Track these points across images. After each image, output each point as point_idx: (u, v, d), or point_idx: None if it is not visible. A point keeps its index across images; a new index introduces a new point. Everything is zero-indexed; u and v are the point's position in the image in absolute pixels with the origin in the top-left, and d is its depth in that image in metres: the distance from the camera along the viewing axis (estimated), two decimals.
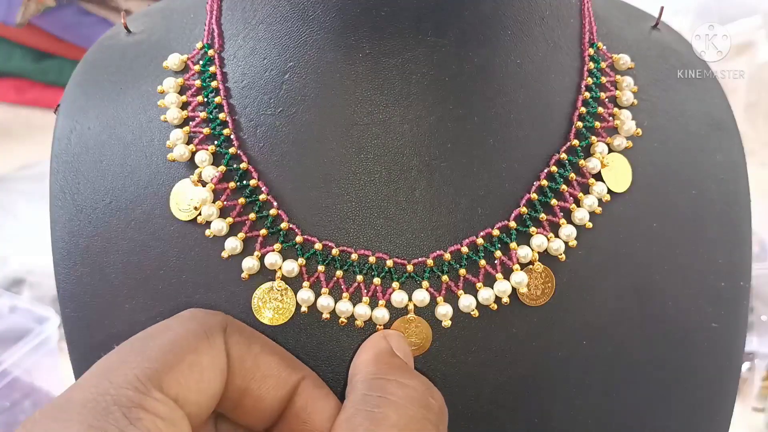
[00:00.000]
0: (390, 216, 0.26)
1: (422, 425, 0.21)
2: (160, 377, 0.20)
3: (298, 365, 0.24)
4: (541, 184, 0.27)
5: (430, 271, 0.26)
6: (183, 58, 0.29)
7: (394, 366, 0.23)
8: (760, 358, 0.62)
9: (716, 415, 0.29)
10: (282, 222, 0.26)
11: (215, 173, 0.27)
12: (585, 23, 0.30)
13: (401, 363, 0.24)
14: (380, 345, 0.24)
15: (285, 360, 0.24)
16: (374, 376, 0.23)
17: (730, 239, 0.30)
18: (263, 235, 0.26)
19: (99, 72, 0.31)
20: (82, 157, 0.29)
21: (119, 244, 0.27)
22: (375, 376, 0.23)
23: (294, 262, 0.26)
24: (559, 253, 0.26)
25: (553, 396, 0.27)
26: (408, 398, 0.22)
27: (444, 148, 0.26)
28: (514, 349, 0.26)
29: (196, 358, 0.21)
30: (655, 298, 0.28)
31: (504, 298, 0.26)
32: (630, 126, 0.28)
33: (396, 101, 0.26)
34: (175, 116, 0.28)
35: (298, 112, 0.27)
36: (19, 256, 0.72)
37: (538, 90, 0.28)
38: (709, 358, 0.29)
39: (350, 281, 0.26)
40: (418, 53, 0.26)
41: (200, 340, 0.22)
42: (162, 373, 0.20)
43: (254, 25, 0.27)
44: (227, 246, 0.26)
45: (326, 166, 0.26)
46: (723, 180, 0.30)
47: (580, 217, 0.27)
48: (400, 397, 0.22)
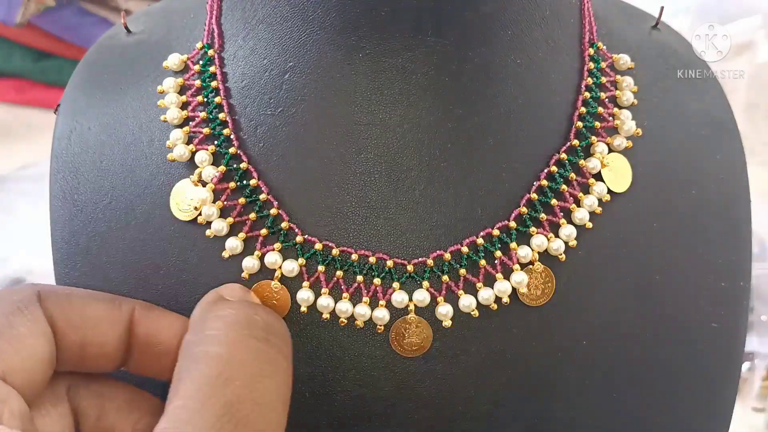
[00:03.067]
0: (390, 216, 0.26)
1: (247, 343, 0.21)
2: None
3: (123, 300, 0.24)
4: (541, 184, 0.27)
5: (431, 271, 0.26)
6: (183, 58, 0.29)
7: (214, 305, 0.23)
8: (760, 358, 0.62)
9: (716, 415, 0.29)
10: (282, 221, 0.26)
11: (215, 173, 0.27)
12: (585, 23, 0.30)
13: (224, 303, 0.23)
14: (207, 298, 0.24)
15: (109, 300, 0.24)
16: (195, 320, 0.23)
17: (730, 239, 0.30)
18: (263, 234, 0.26)
19: (99, 72, 0.31)
20: (82, 157, 0.29)
21: (119, 244, 0.27)
22: (195, 320, 0.23)
23: (294, 262, 0.26)
24: (559, 253, 0.26)
25: (553, 396, 0.27)
26: (227, 324, 0.21)
27: (444, 148, 0.26)
28: (514, 349, 0.26)
29: (12, 330, 0.21)
30: (655, 298, 0.28)
31: (504, 298, 0.26)
32: (630, 126, 0.28)
33: (396, 101, 0.26)
34: (174, 116, 0.28)
35: (298, 112, 0.27)
36: (19, 256, 0.72)
37: (539, 90, 0.28)
38: (709, 358, 0.29)
39: (350, 281, 0.26)
40: (418, 53, 0.26)
41: (13, 315, 0.21)
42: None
43: (254, 25, 0.27)
44: (228, 246, 0.26)
45: (326, 166, 0.26)
46: (723, 180, 0.30)
47: (580, 217, 0.27)
48: (218, 327, 0.21)
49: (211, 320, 0.22)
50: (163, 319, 0.24)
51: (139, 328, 0.24)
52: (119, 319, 0.23)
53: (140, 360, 0.24)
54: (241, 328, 0.21)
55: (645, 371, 0.28)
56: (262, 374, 0.21)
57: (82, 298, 0.23)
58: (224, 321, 0.22)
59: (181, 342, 0.22)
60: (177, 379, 0.21)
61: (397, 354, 0.26)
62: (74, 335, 0.22)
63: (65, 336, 0.22)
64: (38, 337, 0.21)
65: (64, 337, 0.22)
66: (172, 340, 0.23)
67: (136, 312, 0.24)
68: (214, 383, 0.20)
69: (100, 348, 0.23)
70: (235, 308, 0.22)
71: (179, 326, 0.24)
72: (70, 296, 0.23)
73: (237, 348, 0.21)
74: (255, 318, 0.22)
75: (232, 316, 0.22)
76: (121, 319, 0.23)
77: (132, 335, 0.24)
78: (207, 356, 0.20)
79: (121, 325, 0.23)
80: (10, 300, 0.22)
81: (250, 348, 0.21)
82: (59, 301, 0.23)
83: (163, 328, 0.24)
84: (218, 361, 0.20)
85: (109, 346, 0.23)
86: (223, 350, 0.20)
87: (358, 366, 0.26)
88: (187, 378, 0.20)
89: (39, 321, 0.22)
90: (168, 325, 0.24)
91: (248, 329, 0.21)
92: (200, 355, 0.21)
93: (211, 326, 0.22)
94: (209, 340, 0.21)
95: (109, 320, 0.23)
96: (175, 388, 0.20)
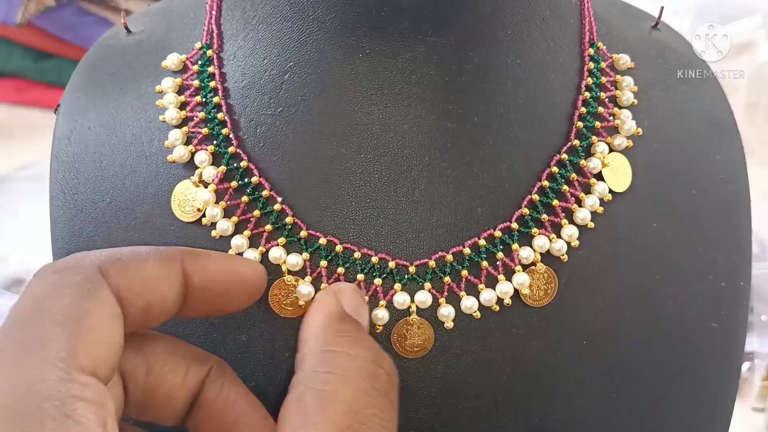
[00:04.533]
0: (390, 216, 0.26)
1: (371, 397, 0.21)
2: (73, 355, 0.18)
3: (171, 251, 0.23)
4: (543, 185, 0.27)
5: (432, 273, 0.26)
6: (182, 58, 0.29)
7: (343, 333, 0.23)
8: (760, 358, 0.62)
9: (716, 415, 0.29)
10: (287, 216, 0.26)
11: (216, 173, 0.27)
12: (585, 23, 0.30)
13: (350, 328, 0.23)
14: (329, 307, 0.24)
15: (161, 256, 0.23)
16: (323, 348, 0.22)
17: (730, 239, 0.30)
18: (268, 230, 0.26)
19: (99, 72, 0.31)
20: (82, 157, 0.29)
21: (119, 244, 0.27)
22: (323, 348, 0.22)
23: (298, 256, 0.26)
24: (561, 254, 0.26)
25: (553, 396, 0.27)
26: (357, 371, 0.21)
27: (444, 148, 0.26)
28: (515, 349, 0.26)
29: (89, 319, 0.19)
30: (656, 298, 0.28)
31: (506, 299, 0.26)
32: (630, 125, 0.28)
33: (396, 101, 0.26)
34: (173, 116, 0.28)
35: (298, 112, 0.27)
36: (19, 256, 0.72)
37: (539, 90, 0.28)
38: (709, 358, 0.29)
39: (351, 279, 0.26)
40: (418, 53, 0.26)
41: (84, 300, 0.20)
42: (71, 349, 0.18)
43: (254, 25, 0.27)
44: (233, 244, 0.26)
45: (326, 166, 0.26)
46: (723, 180, 0.30)
47: (581, 217, 0.27)
48: (348, 370, 0.21)
49: (341, 358, 0.22)
50: (210, 264, 0.23)
51: (194, 278, 0.23)
52: (176, 274, 0.22)
53: (195, 305, 0.23)
54: (369, 378, 0.21)
55: (645, 371, 0.28)
56: (383, 428, 0.21)
57: (137, 260, 0.22)
58: (354, 365, 0.21)
59: (233, 281, 0.23)
60: (299, 403, 0.20)
61: (398, 354, 0.26)
62: (139, 302, 0.21)
63: (131, 306, 0.21)
64: (112, 320, 0.20)
65: (130, 307, 0.21)
66: (223, 280, 0.23)
67: (185, 263, 0.23)
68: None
69: (161, 306, 0.22)
70: (363, 354, 0.22)
71: (226, 265, 0.24)
72: (127, 263, 0.22)
73: (363, 398, 0.21)
74: (379, 371, 0.22)
75: (362, 362, 0.22)
76: (177, 273, 0.22)
77: (188, 286, 0.23)
78: (336, 398, 0.20)
79: (178, 280, 0.22)
80: (74, 282, 0.20)
81: (375, 404, 0.21)
82: (120, 272, 0.21)
83: (213, 272, 0.23)
84: (348, 410, 0.20)
85: (169, 302, 0.22)
86: (351, 398, 0.20)
87: None
88: (314, 415, 0.20)
89: (109, 302, 0.20)
90: (216, 268, 0.23)
91: (374, 381, 0.21)
92: (330, 395, 0.20)
93: (341, 365, 0.21)
94: (339, 382, 0.21)
95: (167, 278, 0.22)
96: (300, 415, 0.20)
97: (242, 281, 0.24)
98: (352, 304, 0.24)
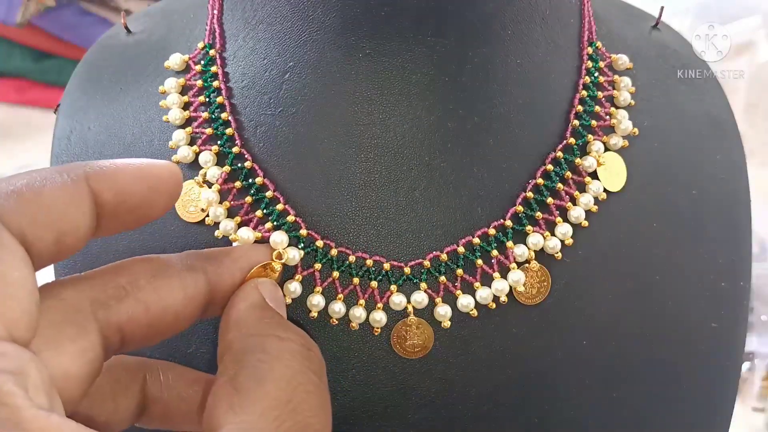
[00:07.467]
0: (390, 216, 0.26)
1: (306, 377, 0.21)
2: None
3: (73, 170, 0.20)
4: (537, 183, 0.27)
5: (428, 272, 0.26)
6: (185, 58, 0.29)
7: (269, 319, 0.22)
8: (760, 358, 0.62)
9: (716, 415, 0.29)
10: (288, 216, 0.26)
11: (220, 173, 0.27)
12: (585, 23, 0.30)
13: (275, 314, 0.23)
14: (252, 297, 0.23)
15: (65, 185, 0.20)
16: (250, 333, 0.22)
17: (730, 239, 0.30)
18: (269, 228, 0.26)
19: (99, 72, 0.31)
20: (82, 157, 0.29)
21: (119, 244, 0.27)
22: (251, 333, 0.22)
23: (296, 250, 0.26)
24: (555, 252, 0.26)
25: (553, 396, 0.27)
26: (289, 352, 0.21)
27: (444, 148, 0.26)
28: (514, 349, 0.26)
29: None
30: (655, 298, 0.28)
31: (502, 297, 0.26)
32: (627, 125, 0.28)
33: (396, 101, 0.26)
34: (177, 117, 0.28)
35: (298, 112, 0.27)
36: None
37: (538, 90, 0.28)
38: (709, 358, 0.29)
39: (346, 283, 0.26)
40: (418, 53, 0.26)
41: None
42: None
43: (254, 24, 0.27)
44: (234, 244, 0.26)
45: (326, 166, 0.26)
46: (723, 180, 0.30)
47: (576, 216, 0.27)
48: (280, 350, 0.21)
49: (272, 341, 0.21)
50: (120, 175, 0.20)
51: (106, 194, 0.20)
52: (83, 194, 0.19)
53: (111, 222, 0.20)
54: (302, 358, 0.21)
55: (645, 371, 0.28)
56: (321, 408, 0.20)
57: (33, 189, 0.18)
58: (285, 346, 0.21)
59: (150, 187, 0.20)
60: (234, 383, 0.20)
61: (398, 355, 0.26)
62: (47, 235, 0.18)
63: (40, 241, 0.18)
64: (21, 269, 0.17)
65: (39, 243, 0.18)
66: (140, 190, 0.20)
67: (91, 180, 0.20)
68: (284, 408, 0.19)
69: (75, 233, 0.19)
70: (293, 336, 0.22)
71: (139, 172, 0.21)
72: (23, 194, 0.18)
73: (298, 377, 0.20)
74: (310, 353, 0.21)
75: (293, 344, 0.21)
76: (84, 193, 0.19)
77: (99, 204, 0.20)
78: (272, 374, 0.20)
79: (86, 201, 0.19)
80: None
81: (311, 381, 0.21)
82: (17, 207, 0.18)
83: (124, 183, 0.20)
84: (286, 386, 0.20)
85: (82, 227, 0.19)
86: (288, 375, 0.20)
87: (358, 366, 0.26)
88: (252, 392, 0.19)
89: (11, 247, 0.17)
90: (127, 178, 0.20)
91: (307, 362, 0.21)
92: (265, 372, 0.20)
93: (273, 347, 0.21)
94: (273, 360, 0.20)
95: (74, 201, 0.19)
96: (237, 393, 0.19)
97: (158, 186, 0.21)
98: (273, 298, 0.23)
